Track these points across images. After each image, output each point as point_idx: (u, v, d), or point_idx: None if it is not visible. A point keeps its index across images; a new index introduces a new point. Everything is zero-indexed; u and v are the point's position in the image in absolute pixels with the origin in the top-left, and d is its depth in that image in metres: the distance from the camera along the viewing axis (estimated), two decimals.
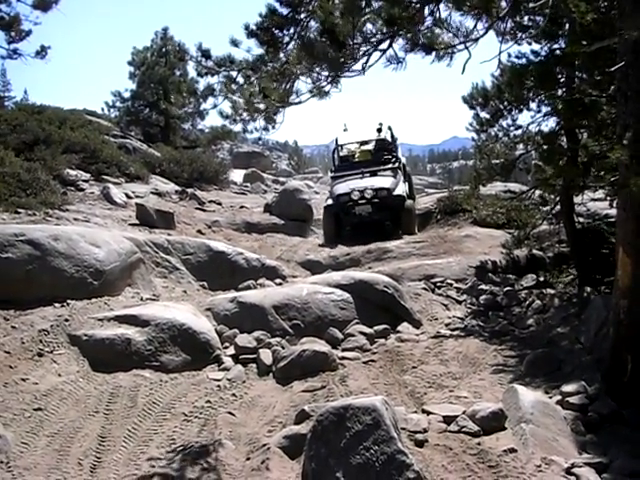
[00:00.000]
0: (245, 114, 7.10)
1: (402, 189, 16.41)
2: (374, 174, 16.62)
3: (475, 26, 6.42)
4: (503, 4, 6.43)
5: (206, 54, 7.03)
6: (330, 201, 16.65)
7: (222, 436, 5.68)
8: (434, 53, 6.49)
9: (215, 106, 7.39)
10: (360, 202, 15.79)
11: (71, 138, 19.39)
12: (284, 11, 6.61)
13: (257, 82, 6.95)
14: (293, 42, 6.72)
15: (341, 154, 18.64)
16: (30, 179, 13.79)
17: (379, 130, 17.57)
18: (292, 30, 6.65)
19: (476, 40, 6.50)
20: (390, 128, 18.20)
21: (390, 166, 17.04)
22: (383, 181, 16.21)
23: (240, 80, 7.08)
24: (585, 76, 8.92)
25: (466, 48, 6.51)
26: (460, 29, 6.47)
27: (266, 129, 7.37)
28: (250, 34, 6.62)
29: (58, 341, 7.41)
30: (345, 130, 18.82)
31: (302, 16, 6.65)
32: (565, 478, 4.61)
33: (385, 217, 15.90)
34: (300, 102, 6.91)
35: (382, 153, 17.62)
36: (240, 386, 7.13)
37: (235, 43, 6.84)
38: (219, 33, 7.84)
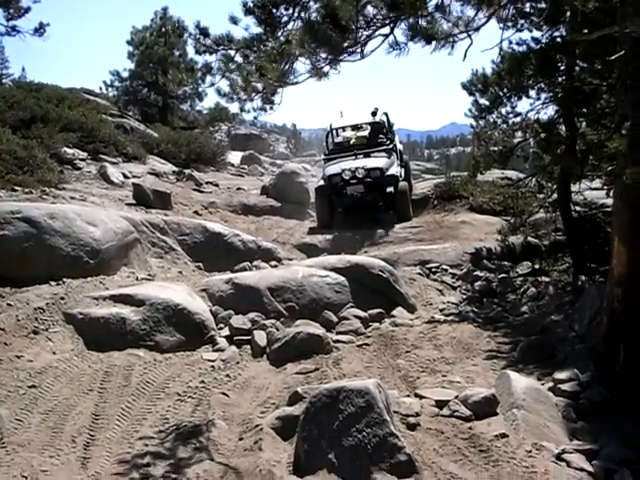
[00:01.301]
0: (242, 93, 7.08)
1: (396, 170, 15.95)
2: (367, 155, 16.17)
3: (476, 14, 6.43)
4: None
5: (204, 32, 6.99)
6: (322, 182, 16.24)
7: (215, 416, 5.70)
8: (434, 43, 6.48)
9: (212, 84, 7.37)
10: (352, 182, 15.28)
11: (69, 117, 19.34)
12: None
13: (255, 61, 6.91)
14: (292, 22, 6.69)
15: (337, 140, 18.18)
16: (27, 157, 13.77)
17: (374, 114, 17.27)
18: (291, 10, 6.62)
19: (477, 29, 6.51)
20: (386, 114, 17.85)
21: (384, 147, 16.58)
22: (376, 161, 15.72)
23: (238, 59, 7.05)
24: (585, 64, 8.91)
25: (469, 36, 6.52)
26: (462, 18, 6.48)
27: (263, 109, 7.35)
28: (247, 11, 6.58)
29: (53, 319, 7.41)
30: (341, 117, 18.62)
31: None
32: (555, 464, 4.65)
33: (378, 198, 15.49)
34: (297, 82, 6.87)
35: (376, 136, 17.20)
36: (234, 367, 7.14)
37: (234, 20, 6.79)
38: (220, 12, 7.78)
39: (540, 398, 5.54)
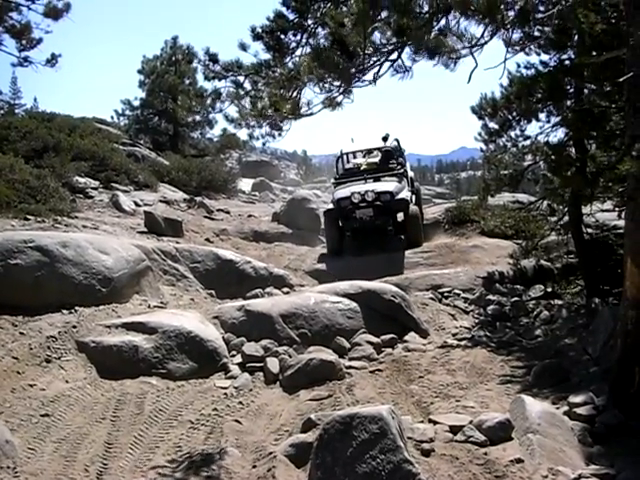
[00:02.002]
0: (251, 119, 7.09)
1: (406, 194, 15.63)
2: (377, 179, 15.91)
3: (483, 33, 6.45)
4: (510, 13, 6.45)
5: (214, 58, 7.04)
6: (331, 205, 16.01)
7: (228, 444, 5.68)
8: (437, 57, 6.49)
9: (221, 110, 7.40)
10: (361, 205, 14.87)
11: (80, 146, 19.51)
12: (291, 16, 6.63)
13: (264, 89, 6.94)
14: (301, 49, 6.73)
15: (347, 166, 17.89)
16: (39, 186, 13.87)
17: (385, 139, 17.18)
18: (299, 36, 6.67)
19: (481, 46, 6.51)
20: (397, 140, 17.79)
21: (395, 172, 16.33)
22: (386, 185, 15.40)
23: (247, 86, 7.09)
24: (594, 87, 8.92)
25: (471, 54, 6.53)
26: (465, 35, 6.50)
27: (272, 135, 7.34)
28: (256, 37, 6.64)
29: (66, 348, 7.43)
30: (352, 143, 18.52)
31: (309, 22, 6.67)
32: None
33: (387, 222, 14.97)
34: (312, 113, 6.88)
35: (387, 162, 16.95)
36: (247, 394, 7.12)
37: (243, 47, 6.85)
38: (229, 42, 7.84)
39: (555, 422, 5.49)
